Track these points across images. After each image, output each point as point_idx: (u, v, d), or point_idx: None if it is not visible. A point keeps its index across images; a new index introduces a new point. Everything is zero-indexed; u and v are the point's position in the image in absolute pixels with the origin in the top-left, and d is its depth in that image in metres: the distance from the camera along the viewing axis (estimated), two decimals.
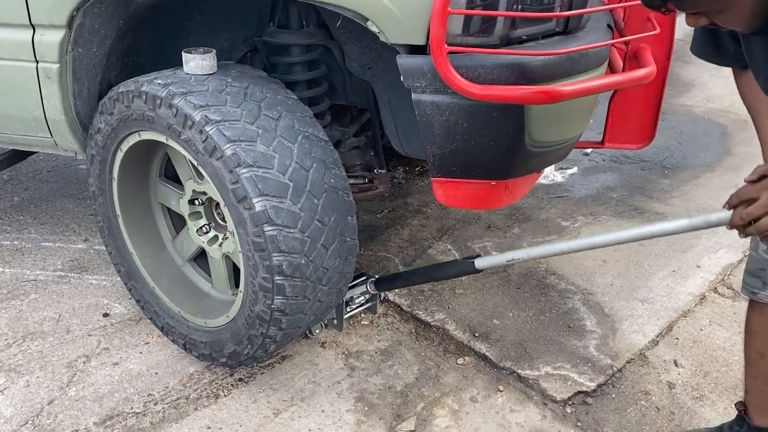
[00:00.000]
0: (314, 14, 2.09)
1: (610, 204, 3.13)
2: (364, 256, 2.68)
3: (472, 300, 2.46)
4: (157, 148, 2.00)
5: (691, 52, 1.58)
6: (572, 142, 1.91)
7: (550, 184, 3.31)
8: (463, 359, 2.19)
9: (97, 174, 2.04)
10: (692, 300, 2.47)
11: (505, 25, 1.59)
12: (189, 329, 2.07)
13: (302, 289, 1.76)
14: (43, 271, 2.62)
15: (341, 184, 1.80)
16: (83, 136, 2.06)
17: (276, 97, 1.80)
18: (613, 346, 2.24)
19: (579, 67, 1.66)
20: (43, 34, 1.88)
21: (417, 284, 2.43)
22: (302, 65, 2.18)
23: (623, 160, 3.57)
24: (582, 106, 1.81)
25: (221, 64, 1.86)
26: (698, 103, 4.32)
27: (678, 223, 1.49)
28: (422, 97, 1.63)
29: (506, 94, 1.52)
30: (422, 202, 3.12)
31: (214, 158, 1.66)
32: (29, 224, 2.94)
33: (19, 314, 2.38)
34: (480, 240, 2.83)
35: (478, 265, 1.94)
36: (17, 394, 2.02)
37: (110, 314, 2.38)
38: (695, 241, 2.80)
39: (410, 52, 1.62)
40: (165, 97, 1.71)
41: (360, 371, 2.13)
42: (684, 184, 3.34)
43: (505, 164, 1.72)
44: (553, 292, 2.51)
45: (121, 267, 2.20)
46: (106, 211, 2.11)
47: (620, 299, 2.47)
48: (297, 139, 1.74)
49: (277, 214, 1.66)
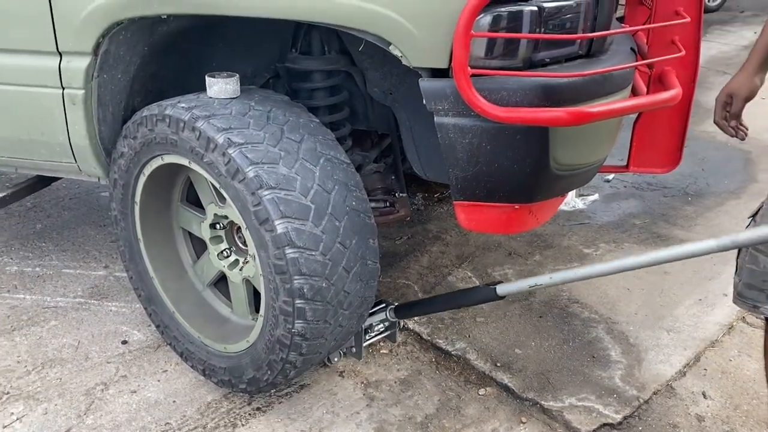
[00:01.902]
0: (336, 40, 2.11)
1: (633, 231, 3.09)
2: (384, 283, 2.66)
3: (493, 329, 2.42)
4: (180, 172, 2.01)
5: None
6: (597, 166, 1.89)
7: (571, 211, 3.27)
8: (484, 390, 2.14)
9: (119, 198, 2.05)
10: (720, 329, 2.40)
11: (528, 48, 1.58)
12: (208, 355, 2.05)
13: (323, 313, 1.73)
14: (63, 298, 2.62)
15: (363, 207, 1.79)
16: (106, 161, 2.08)
17: (298, 121, 1.80)
18: (638, 377, 2.18)
19: (603, 90, 1.65)
20: (69, 60, 1.91)
21: (437, 312, 2.39)
22: (324, 91, 2.20)
23: (645, 186, 3.53)
24: (607, 129, 1.79)
25: (244, 89, 1.87)
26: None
27: (704, 245, 1.45)
28: (445, 120, 1.62)
29: (530, 117, 1.51)
30: (442, 229, 3.09)
31: (236, 180, 1.66)
32: (51, 251, 2.96)
33: (39, 341, 2.37)
34: (501, 267, 2.80)
35: (500, 291, 1.91)
36: (35, 422, 2.00)
37: (129, 341, 2.37)
38: (721, 269, 2.74)
39: (432, 75, 1.62)
40: (188, 120, 1.72)
41: (379, 401, 2.08)
42: (708, 211, 3.28)
43: (529, 187, 1.70)
44: (577, 320, 2.46)
45: (142, 292, 2.19)
46: (128, 236, 2.11)
47: (645, 328, 2.41)
48: (319, 162, 1.73)
49: (298, 236, 1.64)
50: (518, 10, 1.53)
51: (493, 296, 1.93)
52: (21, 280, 2.73)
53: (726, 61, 6.02)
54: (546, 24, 1.57)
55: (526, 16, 1.54)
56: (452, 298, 2.18)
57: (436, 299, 2.26)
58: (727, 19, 8.17)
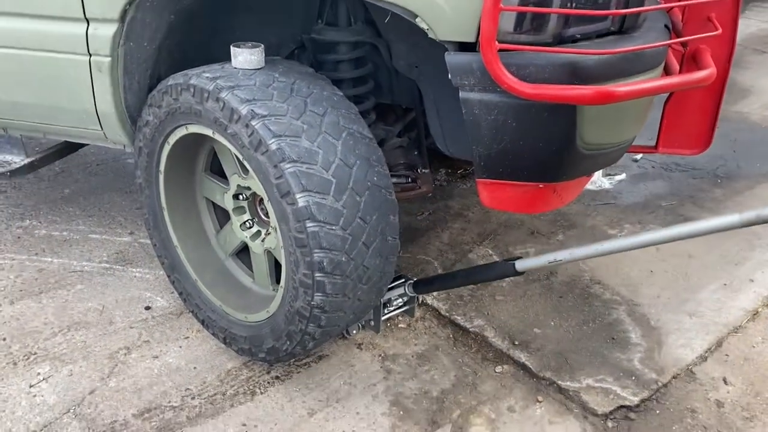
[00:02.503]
0: (362, 11, 2.08)
1: (659, 213, 3.04)
2: (403, 259, 2.66)
3: (512, 307, 2.41)
4: (204, 142, 2.01)
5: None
6: (626, 146, 1.85)
7: (597, 190, 3.23)
8: (501, 367, 2.14)
9: (144, 166, 2.07)
10: (744, 315, 2.37)
11: (558, 23, 1.54)
12: (229, 323, 2.08)
13: (342, 287, 1.74)
14: (89, 263, 2.67)
15: (384, 183, 1.78)
16: (132, 128, 2.09)
17: (322, 93, 1.79)
18: (658, 360, 2.16)
19: (634, 68, 1.60)
20: (96, 27, 1.92)
21: (456, 287, 2.39)
22: (349, 63, 2.17)
23: (674, 167, 3.46)
24: (637, 108, 1.75)
25: (269, 59, 1.86)
26: (755, 110, 4.16)
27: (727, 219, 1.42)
28: (470, 95, 1.59)
29: (559, 94, 1.48)
30: (464, 206, 3.08)
31: (259, 153, 1.66)
32: (78, 216, 3.01)
33: (65, 304, 2.42)
34: (522, 246, 2.78)
35: (519, 267, 1.89)
36: (60, 383, 2.06)
37: (152, 307, 2.41)
38: (748, 254, 2.68)
39: (459, 49, 1.59)
40: (212, 90, 1.72)
41: (396, 375, 2.10)
42: (738, 194, 3.21)
43: (554, 166, 1.67)
44: (597, 302, 2.44)
45: (165, 259, 2.22)
46: (152, 204, 2.13)
47: (667, 312, 2.38)
48: (341, 136, 1.73)
49: (319, 210, 1.64)
50: None
51: (512, 272, 1.92)
52: (49, 244, 2.78)
53: (765, 39, 5.83)
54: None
55: None
56: (471, 274, 2.17)
57: (455, 274, 2.25)
58: None
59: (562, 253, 1.76)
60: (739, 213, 1.39)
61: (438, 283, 2.24)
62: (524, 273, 1.95)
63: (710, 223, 1.45)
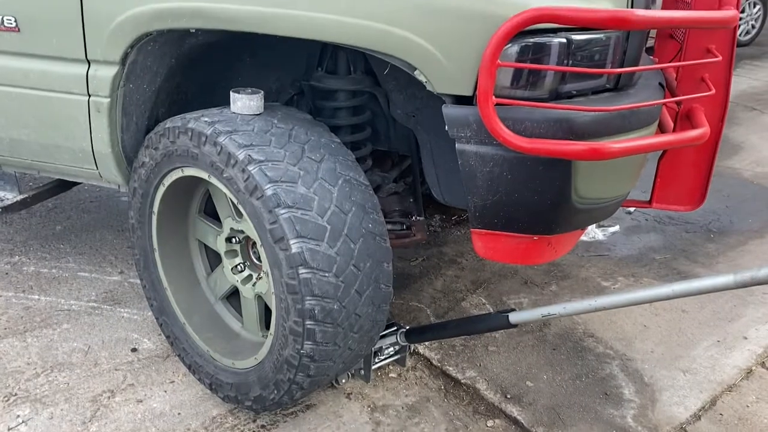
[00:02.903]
0: (362, 61, 2.11)
1: (653, 266, 3.04)
2: (396, 305, 2.63)
3: (505, 359, 2.38)
4: (199, 184, 2.01)
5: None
6: (620, 200, 1.86)
7: (590, 242, 3.23)
8: (493, 422, 2.10)
9: (138, 207, 2.06)
10: (738, 373, 2.34)
11: (554, 80, 1.56)
12: (216, 369, 2.04)
13: (333, 336, 1.71)
14: (77, 301, 2.63)
15: (379, 230, 1.78)
16: (127, 169, 2.09)
17: (320, 140, 1.80)
18: (651, 418, 2.12)
19: (629, 125, 1.62)
20: (97, 69, 1.93)
21: (449, 337, 2.36)
22: (347, 110, 2.19)
23: (667, 221, 3.47)
24: (631, 164, 1.76)
25: (268, 105, 1.87)
26: (746, 167, 4.22)
27: (722, 280, 1.42)
28: (467, 147, 1.60)
29: (553, 149, 1.49)
30: (458, 252, 3.07)
31: (254, 197, 1.66)
32: (68, 253, 2.98)
33: (50, 343, 2.38)
34: (516, 295, 2.76)
35: (512, 319, 1.88)
36: (40, 426, 2.00)
37: (138, 349, 2.36)
38: (741, 311, 2.67)
39: (456, 101, 1.61)
40: (210, 134, 1.73)
41: (385, 427, 2.05)
42: (731, 249, 3.22)
43: (549, 219, 1.67)
44: (591, 355, 2.41)
45: (154, 301, 2.19)
46: (144, 245, 2.12)
47: (661, 368, 2.36)
48: (338, 182, 1.73)
49: (312, 256, 1.63)
50: (546, 41, 1.52)
51: (506, 324, 1.91)
52: (37, 281, 2.75)
53: (756, 96, 5.94)
54: (574, 56, 1.55)
55: (554, 47, 1.52)
56: (464, 324, 2.15)
57: (448, 324, 2.23)
58: (758, 53, 8.08)
59: (555, 307, 1.75)
60: (734, 274, 1.39)
61: (430, 332, 2.21)
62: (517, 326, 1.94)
63: (705, 282, 1.45)
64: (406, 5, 1.55)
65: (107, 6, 1.83)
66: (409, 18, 1.55)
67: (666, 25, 2.01)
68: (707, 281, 1.44)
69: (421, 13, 1.54)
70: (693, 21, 1.58)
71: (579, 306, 1.75)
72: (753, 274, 1.36)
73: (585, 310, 1.76)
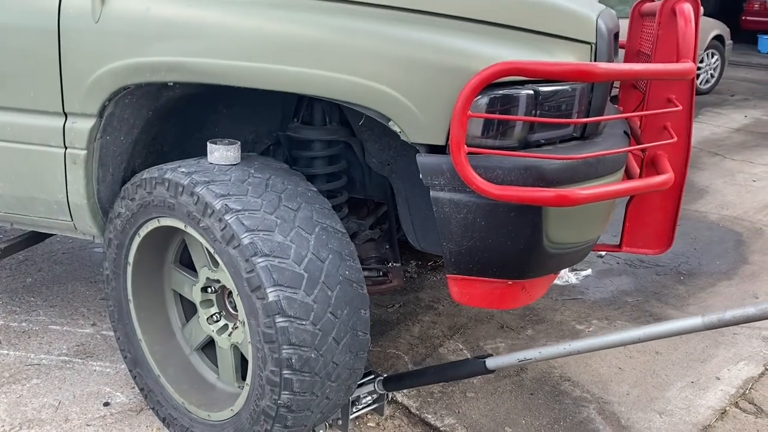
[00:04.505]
0: (337, 112, 2.16)
1: (626, 309, 3.08)
2: (373, 353, 2.62)
3: (483, 405, 2.37)
4: (175, 234, 2.01)
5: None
6: (590, 245, 1.91)
7: (564, 285, 3.27)
8: None
9: (113, 258, 2.05)
10: (712, 414, 2.36)
11: (523, 129, 1.62)
12: (191, 422, 2.00)
13: (311, 385, 1.71)
14: (47, 355, 2.57)
15: (356, 277, 1.79)
16: (103, 220, 2.09)
17: (296, 189, 1.82)
18: None
19: (596, 172, 1.68)
20: (74, 121, 1.94)
21: (427, 384, 2.35)
22: (323, 159, 2.23)
23: (638, 264, 3.54)
24: (600, 210, 1.82)
25: (245, 156, 1.90)
26: (712, 210, 4.34)
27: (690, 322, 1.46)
28: (441, 194, 1.65)
29: (523, 195, 1.54)
30: (434, 298, 3.08)
31: (231, 246, 1.67)
32: (39, 306, 2.92)
33: (19, 399, 2.31)
34: (492, 340, 2.77)
35: (489, 365, 1.89)
36: None
37: (111, 403, 2.31)
38: (713, 351, 2.72)
39: (430, 150, 1.65)
40: (187, 185, 1.74)
41: None
42: (700, 291, 3.29)
43: (522, 264, 1.71)
44: (568, 399, 2.42)
45: (128, 353, 2.15)
46: (118, 296, 2.10)
47: (637, 410, 2.37)
48: (314, 230, 1.75)
49: (289, 305, 1.64)
50: (515, 93, 1.58)
51: (483, 370, 1.92)
52: (6, 335, 2.69)
53: (718, 143, 6.16)
54: (542, 107, 1.62)
55: (522, 99, 1.59)
56: (442, 371, 2.15)
57: (426, 371, 2.22)
58: (718, 101, 8.41)
59: (531, 352, 1.77)
60: (702, 316, 1.43)
61: (408, 380, 2.21)
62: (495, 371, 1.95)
63: (675, 325, 1.49)
64: (381, 59, 1.61)
65: (86, 60, 1.86)
66: (383, 71, 1.61)
67: (627, 77, 2.11)
68: (677, 324, 1.48)
69: (395, 67, 1.60)
70: (652, 73, 1.67)
71: (554, 350, 1.78)
72: (720, 317, 1.40)
73: (560, 354, 1.79)
